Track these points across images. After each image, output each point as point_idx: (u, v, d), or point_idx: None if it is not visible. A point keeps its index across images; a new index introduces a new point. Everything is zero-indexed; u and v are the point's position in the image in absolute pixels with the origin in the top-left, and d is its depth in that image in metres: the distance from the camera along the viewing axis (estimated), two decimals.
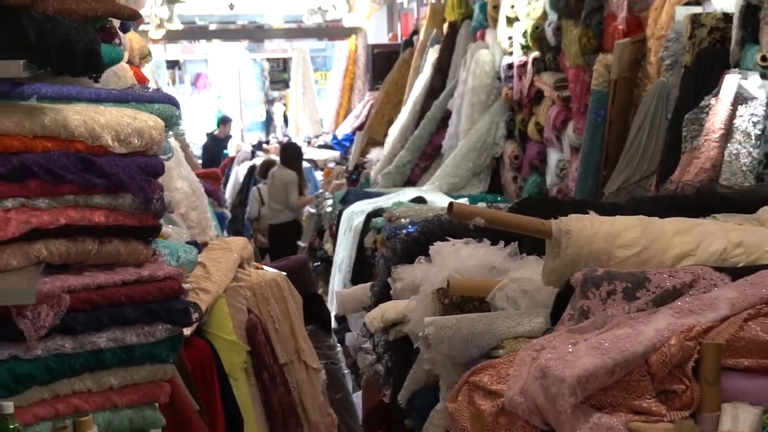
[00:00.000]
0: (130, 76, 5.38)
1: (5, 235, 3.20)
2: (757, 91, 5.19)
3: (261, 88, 26.29)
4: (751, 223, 3.92)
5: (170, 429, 4.17)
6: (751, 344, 3.05)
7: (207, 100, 25.98)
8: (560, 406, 2.90)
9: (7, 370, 3.23)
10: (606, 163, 6.94)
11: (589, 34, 7.39)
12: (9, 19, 3.15)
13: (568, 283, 3.46)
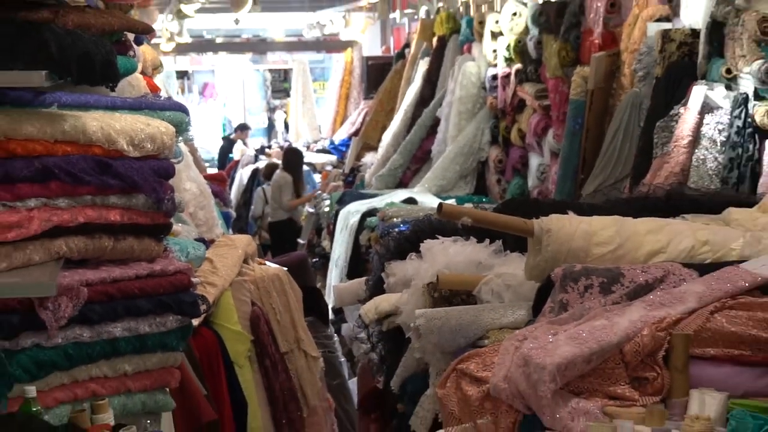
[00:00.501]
0: (143, 86, 5.38)
1: (28, 233, 3.20)
2: (722, 101, 5.20)
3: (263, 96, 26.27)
4: (717, 223, 3.93)
5: (180, 412, 4.18)
6: (717, 335, 3.06)
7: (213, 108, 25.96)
8: (541, 392, 2.90)
9: (30, 357, 3.23)
10: (583, 167, 6.94)
11: (567, 47, 7.39)
12: (32, 33, 3.15)
13: (549, 278, 3.47)
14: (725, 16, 5.32)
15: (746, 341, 3.05)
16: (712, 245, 3.67)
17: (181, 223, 5.25)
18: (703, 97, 5.31)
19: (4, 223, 3.16)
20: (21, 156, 3.22)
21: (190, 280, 3.69)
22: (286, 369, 5.46)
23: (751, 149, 5.07)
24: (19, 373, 3.19)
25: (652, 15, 6.29)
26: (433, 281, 4.00)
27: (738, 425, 2.76)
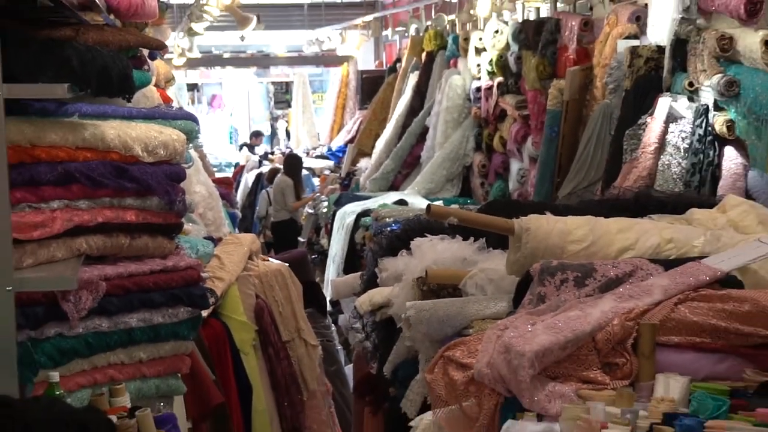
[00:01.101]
0: (156, 97, 5.39)
1: (52, 231, 3.21)
2: (685, 111, 5.21)
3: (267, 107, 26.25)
4: (681, 223, 3.94)
5: (190, 395, 4.18)
6: (681, 324, 3.06)
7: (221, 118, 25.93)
8: (521, 377, 2.90)
9: (54, 345, 3.23)
10: (559, 172, 6.95)
11: (544, 62, 7.39)
12: (56, 50, 3.16)
13: (528, 273, 3.48)
14: (688, 34, 5.34)
15: (707, 330, 3.05)
16: (676, 243, 3.68)
17: (191, 222, 5.26)
18: (668, 107, 5.32)
19: (30, 223, 3.16)
20: (45, 161, 3.22)
21: (200, 275, 3.70)
22: (287, 356, 5.46)
23: (712, 155, 5.08)
24: (43, 360, 3.20)
25: (621, 33, 6.30)
26: (422, 276, 4.00)
27: (699, 406, 2.78)
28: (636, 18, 6.17)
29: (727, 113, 4.98)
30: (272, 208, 14.10)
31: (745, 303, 3.09)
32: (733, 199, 4.20)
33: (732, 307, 3.07)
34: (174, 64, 15.03)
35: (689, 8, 5.36)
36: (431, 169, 9.75)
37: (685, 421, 2.63)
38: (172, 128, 3.71)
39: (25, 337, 3.16)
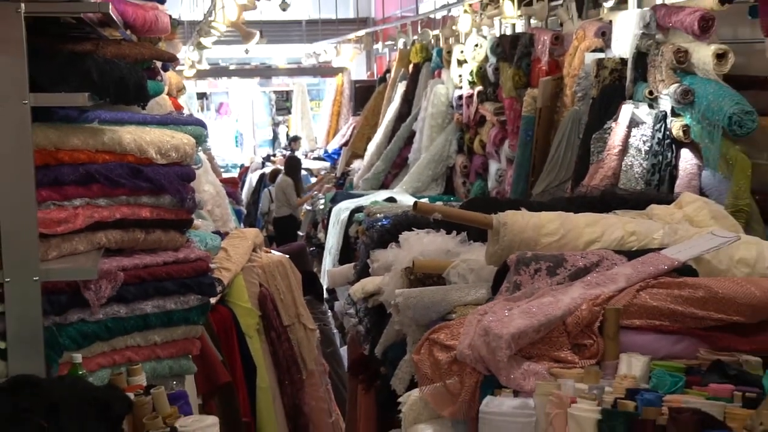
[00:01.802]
0: (169, 105, 5.38)
1: (74, 227, 3.21)
2: (646, 117, 5.22)
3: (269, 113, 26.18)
4: (642, 217, 3.94)
5: (200, 374, 4.18)
6: (642, 309, 3.07)
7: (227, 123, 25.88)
8: (499, 357, 2.91)
9: (76, 330, 3.24)
10: (533, 172, 6.95)
11: (520, 73, 7.40)
12: (77, 62, 3.16)
13: (505, 263, 3.48)
14: (648, 48, 5.35)
15: (665, 314, 3.06)
16: (638, 235, 3.69)
17: (200, 218, 5.26)
18: (631, 114, 5.33)
19: (54, 219, 3.16)
20: (68, 163, 3.23)
21: (208, 266, 3.70)
22: (288, 339, 5.46)
23: (669, 157, 5.10)
24: (67, 342, 3.20)
25: (588, 46, 6.31)
26: (409, 266, 3.99)
27: (658, 382, 2.79)
28: (602, 33, 6.18)
29: (683, 119, 4.99)
30: (274, 205, 14.08)
31: (699, 290, 3.10)
32: (688, 197, 4.21)
33: (688, 294, 3.09)
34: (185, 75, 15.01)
35: (649, 25, 5.37)
36: (418, 169, 9.76)
37: (645, 395, 2.64)
38: (183, 133, 3.72)
39: (50, 323, 3.16)
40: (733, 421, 2.50)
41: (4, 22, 2.92)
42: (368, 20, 20.12)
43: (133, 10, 3.82)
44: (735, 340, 3.06)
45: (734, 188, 4.59)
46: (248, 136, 25.13)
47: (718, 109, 4.66)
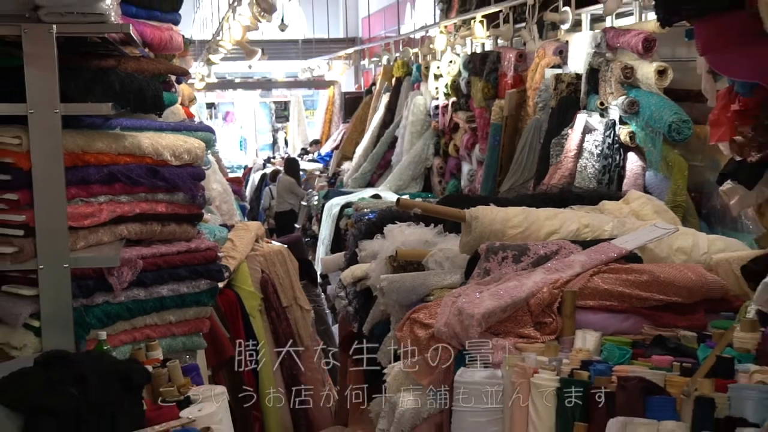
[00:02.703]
0: (182, 113, 5.37)
1: (99, 220, 3.20)
2: (598, 125, 5.24)
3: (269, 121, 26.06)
4: (595, 212, 3.97)
5: (210, 350, 4.17)
6: (595, 291, 3.09)
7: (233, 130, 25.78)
8: (471, 334, 2.92)
9: (102, 310, 3.23)
10: (500, 172, 6.96)
11: (488, 86, 7.41)
12: (102, 76, 3.16)
13: (476, 252, 3.50)
14: (599, 65, 5.37)
15: (614, 295, 3.09)
16: (591, 227, 3.71)
17: (209, 213, 5.24)
18: (584, 122, 5.35)
19: (82, 214, 3.16)
20: (94, 165, 3.22)
21: (217, 255, 3.70)
22: (286, 318, 5.45)
23: (618, 159, 5.12)
24: (93, 322, 3.19)
25: (548, 63, 6.32)
26: (393, 254, 4.01)
27: (608, 354, 2.82)
28: (559, 52, 6.19)
29: (629, 126, 5.01)
30: (274, 201, 14.05)
31: (643, 274, 3.13)
32: (634, 194, 4.24)
33: (634, 278, 3.11)
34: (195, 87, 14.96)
35: (600, 45, 5.39)
36: (400, 170, 9.76)
37: (597, 366, 2.66)
38: (194, 138, 3.70)
39: (78, 304, 3.16)
40: (672, 387, 2.53)
41: (38, 41, 2.91)
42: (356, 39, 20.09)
43: (151, 31, 3.81)
44: (674, 318, 3.10)
45: (673, 187, 4.62)
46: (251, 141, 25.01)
47: (659, 118, 4.69)
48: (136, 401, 2.57)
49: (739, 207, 3.21)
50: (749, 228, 4.14)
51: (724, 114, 3.02)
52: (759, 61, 2.57)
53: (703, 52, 2.97)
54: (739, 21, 2.53)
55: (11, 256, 3.00)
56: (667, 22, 2.92)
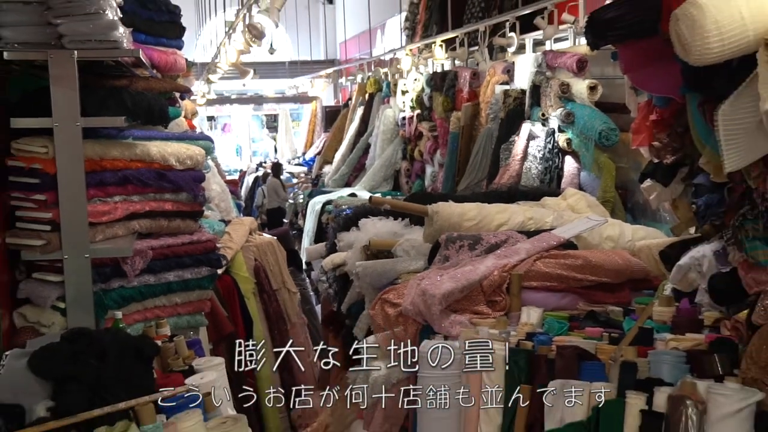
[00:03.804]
0: (185, 125, 5.33)
1: (115, 217, 3.19)
2: (540, 133, 5.27)
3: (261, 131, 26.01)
4: (538, 207, 3.99)
5: (211, 327, 4.16)
6: (537, 274, 3.11)
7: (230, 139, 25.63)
8: (433, 311, 2.94)
9: (118, 294, 3.22)
10: (458, 173, 6.99)
11: (447, 100, 7.42)
12: (116, 94, 3.15)
13: (437, 242, 3.51)
14: (540, 82, 5.41)
15: (554, 277, 3.11)
16: (535, 220, 3.73)
17: (209, 210, 5.21)
18: (529, 130, 5.38)
19: (100, 211, 3.14)
20: (110, 170, 3.20)
21: (216, 246, 3.68)
22: (276, 300, 5.44)
23: (557, 162, 5.15)
24: (111, 303, 3.18)
25: (498, 80, 6.35)
26: (367, 244, 4.01)
27: (549, 327, 2.84)
28: (507, 71, 6.22)
29: (566, 134, 5.05)
30: (266, 200, 14.01)
31: (578, 259, 3.16)
32: (570, 191, 4.27)
33: (570, 262, 3.14)
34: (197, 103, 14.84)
35: (541, 65, 5.43)
36: (372, 172, 9.75)
37: (540, 337, 2.68)
38: (196, 146, 3.69)
39: (98, 289, 3.14)
40: (602, 353, 2.56)
41: (62, 65, 2.90)
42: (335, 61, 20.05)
43: (158, 55, 3.80)
44: (604, 295, 3.13)
45: (603, 185, 4.66)
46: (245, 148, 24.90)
47: (591, 127, 4.73)
48: (147, 371, 2.56)
49: (657, 201, 3.25)
50: (666, 219, 4.19)
51: (644, 123, 3.05)
52: (672, 79, 2.59)
53: (625, 71, 2.99)
54: (654, 45, 2.56)
55: (40, 248, 2.99)
56: (596, 46, 2.94)
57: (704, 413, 2.20)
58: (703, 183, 2.84)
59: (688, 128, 2.76)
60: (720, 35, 2.17)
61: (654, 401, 2.28)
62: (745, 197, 2.58)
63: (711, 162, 2.65)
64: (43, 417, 2.26)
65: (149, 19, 3.70)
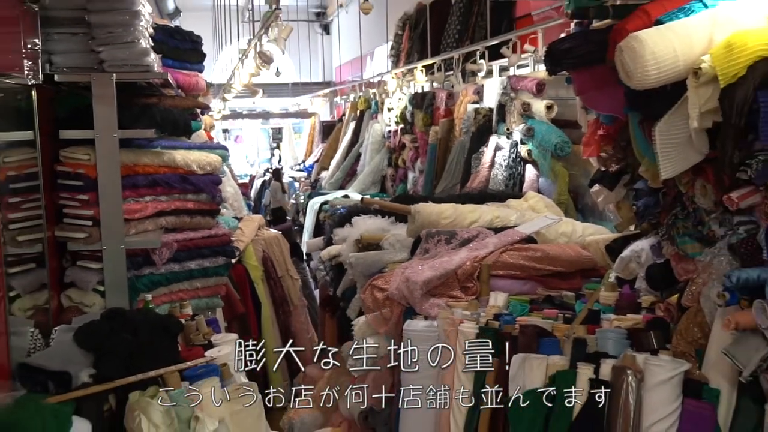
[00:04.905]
0: (204, 137, 5.34)
1: (145, 214, 3.20)
2: (505, 145, 5.27)
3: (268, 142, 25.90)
4: (504, 207, 3.99)
5: (226, 308, 4.18)
6: (503, 264, 3.12)
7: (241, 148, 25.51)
8: (415, 295, 2.94)
9: (148, 279, 3.23)
10: (436, 178, 6.99)
11: (427, 116, 7.41)
12: (146, 110, 3.16)
13: (419, 236, 3.51)
14: (506, 101, 5.41)
15: (517, 267, 3.12)
16: (501, 218, 3.73)
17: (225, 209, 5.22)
18: (496, 143, 5.39)
19: (133, 209, 3.15)
20: (141, 174, 3.21)
21: (230, 239, 3.70)
22: (281, 285, 5.45)
23: (519, 169, 5.15)
24: (141, 287, 3.19)
25: (470, 100, 6.35)
26: (358, 238, 4.01)
27: (513, 309, 2.84)
28: (477, 92, 6.23)
29: (527, 146, 5.05)
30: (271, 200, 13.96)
31: (537, 252, 3.17)
32: (531, 194, 4.28)
33: (531, 254, 3.15)
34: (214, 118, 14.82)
35: (506, 87, 5.43)
36: (363, 177, 9.73)
37: (505, 317, 2.69)
38: (214, 154, 3.70)
39: (131, 275, 3.15)
40: (557, 331, 2.57)
41: (103, 85, 2.93)
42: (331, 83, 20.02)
43: (183, 77, 3.80)
44: (559, 282, 3.14)
45: (558, 189, 4.67)
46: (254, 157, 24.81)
47: (548, 140, 4.75)
48: (173, 344, 2.57)
49: (603, 203, 3.26)
50: (611, 218, 4.21)
51: (593, 137, 3.07)
52: (616, 100, 2.61)
53: (578, 93, 3.01)
54: (602, 71, 2.58)
55: (83, 240, 3.01)
56: (553, 72, 2.96)
57: (642, 381, 2.23)
58: (642, 188, 2.86)
59: (629, 142, 2.78)
60: (657, 65, 2.20)
61: (600, 371, 2.31)
62: (676, 200, 2.62)
63: (649, 170, 2.68)
64: (86, 382, 2.27)
65: (175, 47, 3.70)
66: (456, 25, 7.46)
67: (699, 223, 2.51)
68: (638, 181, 2.88)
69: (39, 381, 2.26)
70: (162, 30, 3.51)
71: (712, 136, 2.23)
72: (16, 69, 2.62)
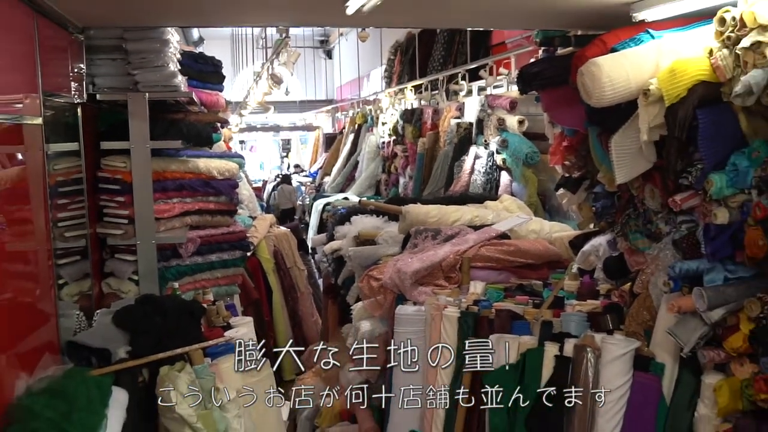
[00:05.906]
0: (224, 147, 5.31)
1: (173, 214, 3.20)
2: (483, 154, 5.27)
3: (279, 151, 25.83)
4: (482, 208, 3.99)
5: (242, 295, 4.17)
6: (482, 257, 3.12)
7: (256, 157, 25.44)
8: (405, 284, 2.95)
9: (176, 269, 3.23)
10: (423, 183, 7.00)
11: (416, 129, 7.41)
12: (174, 124, 3.16)
13: (409, 233, 3.52)
14: (483, 117, 5.42)
15: (493, 259, 3.13)
16: (480, 217, 3.74)
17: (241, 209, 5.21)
18: (475, 152, 5.40)
19: (162, 209, 3.15)
20: (170, 179, 3.21)
21: (246, 235, 3.70)
22: (289, 275, 5.44)
23: (496, 176, 5.15)
24: (170, 276, 3.19)
25: (453, 115, 6.36)
26: (357, 235, 4.01)
27: (490, 296, 2.84)
28: (459, 109, 6.24)
29: (502, 155, 5.06)
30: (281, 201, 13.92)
31: (511, 246, 3.17)
32: (506, 197, 4.29)
33: (505, 248, 3.16)
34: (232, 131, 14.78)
35: (484, 104, 5.44)
36: (360, 182, 9.71)
37: (483, 303, 2.70)
38: (232, 162, 3.70)
39: (161, 266, 3.15)
40: (528, 315, 2.59)
41: (137, 103, 2.95)
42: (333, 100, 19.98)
43: (206, 96, 3.78)
44: (529, 273, 3.15)
45: (528, 192, 4.68)
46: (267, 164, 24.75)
47: (520, 150, 4.76)
48: (197, 326, 2.58)
49: (567, 205, 3.28)
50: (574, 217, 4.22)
51: (558, 148, 3.08)
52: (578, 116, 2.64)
53: (545, 110, 3.04)
54: (566, 92, 2.60)
55: (120, 236, 3.02)
56: (524, 91, 2.98)
57: (599, 357, 2.26)
58: (600, 191, 2.88)
59: (589, 152, 2.80)
60: (612, 86, 2.23)
61: (564, 349, 2.33)
62: (629, 202, 2.64)
63: (606, 176, 2.70)
64: (123, 357, 2.28)
65: (199, 70, 3.70)
66: (441, 51, 7.49)
67: (648, 221, 2.53)
68: (597, 185, 2.90)
69: (84, 356, 2.28)
70: (188, 55, 3.51)
71: (659, 148, 2.26)
72: (65, 90, 2.65)
